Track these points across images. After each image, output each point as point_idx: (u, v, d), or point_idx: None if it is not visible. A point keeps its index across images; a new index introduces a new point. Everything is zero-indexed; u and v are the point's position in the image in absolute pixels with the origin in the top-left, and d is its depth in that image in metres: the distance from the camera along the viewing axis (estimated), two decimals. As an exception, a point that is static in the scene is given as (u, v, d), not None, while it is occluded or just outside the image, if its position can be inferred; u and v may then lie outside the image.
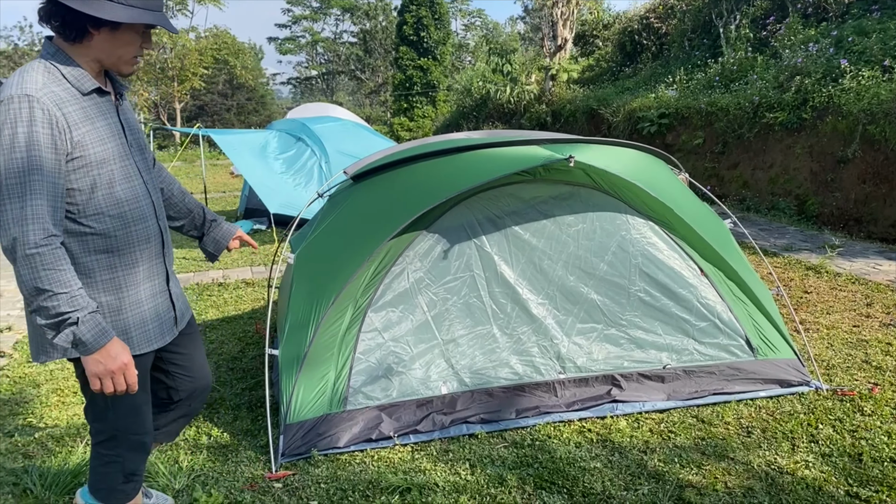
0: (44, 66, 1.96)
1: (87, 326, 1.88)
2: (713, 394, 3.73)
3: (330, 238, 3.69)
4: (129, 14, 1.95)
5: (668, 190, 3.80)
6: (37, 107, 1.86)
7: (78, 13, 1.91)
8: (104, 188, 2.02)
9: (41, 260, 1.83)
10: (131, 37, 2.03)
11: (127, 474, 2.29)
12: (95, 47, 2.00)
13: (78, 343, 1.89)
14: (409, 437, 3.36)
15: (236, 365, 4.43)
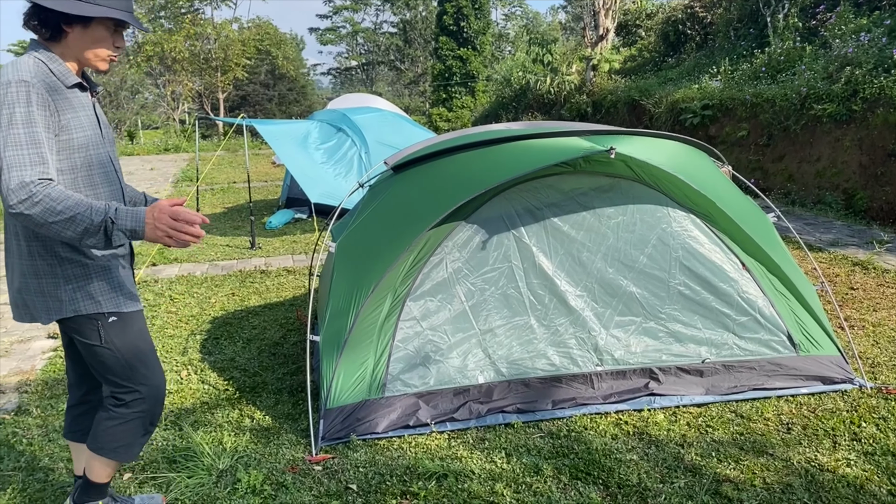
0: (34, 60, 2.13)
1: (122, 217, 2.03)
2: (753, 389, 3.69)
3: (370, 228, 3.75)
4: (98, 10, 2.12)
5: (711, 183, 3.76)
6: (32, 91, 2.04)
7: (51, 11, 2.10)
8: (84, 170, 2.22)
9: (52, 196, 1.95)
10: (102, 33, 2.19)
11: (147, 425, 2.47)
12: (71, 45, 2.18)
13: (130, 233, 2.03)
14: (446, 425, 3.41)
15: (278, 350, 4.53)
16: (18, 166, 1.95)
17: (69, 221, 1.96)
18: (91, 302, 2.26)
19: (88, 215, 1.98)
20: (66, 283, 2.23)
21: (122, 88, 36.13)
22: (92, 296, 2.26)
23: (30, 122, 2.01)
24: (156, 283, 6.31)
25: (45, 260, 2.21)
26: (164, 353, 4.55)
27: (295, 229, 8.79)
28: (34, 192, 1.94)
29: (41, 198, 1.94)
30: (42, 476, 3.08)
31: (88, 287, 2.26)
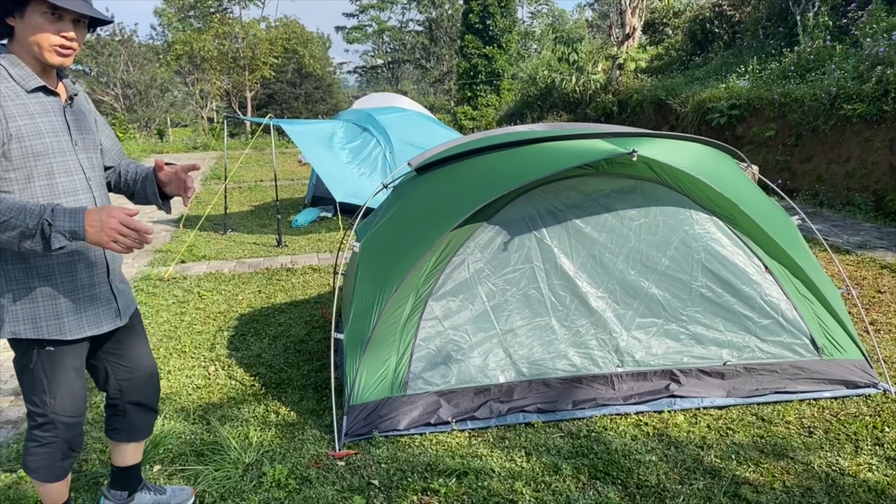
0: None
1: (60, 218, 1.96)
2: (775, 392, 3.68)
3: (393, 228, 3.80)
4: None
5: (734, 185, 3.76)
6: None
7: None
8: (42, 179, 2.12)
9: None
10: (37, 20, 2.05)
11: (65, 451, 2.39)
12: (20, 39, 2.09)
13: (69, 234, 1.97)
14: (467, 423, 3.46)
15: (303, 347, 4.61)
16: None
17: (2, 226, 1.91)
18: (31, 327, 2.19)
19: (22, 218, 1.92)
20: (15, 300, 2.17)
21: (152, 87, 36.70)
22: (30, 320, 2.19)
23: None
24: (185, 279, 6.45)
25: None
26: (192, 348, 4.66)
27: (320, 228, 8.90)
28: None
29: None
30: (76, 467, 3.18)
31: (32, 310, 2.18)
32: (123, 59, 38.72)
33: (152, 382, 2.62)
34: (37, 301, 2.18)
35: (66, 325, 2.23)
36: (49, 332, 2.21)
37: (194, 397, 3.90)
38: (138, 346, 2.56)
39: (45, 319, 2.20)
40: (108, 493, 2.77)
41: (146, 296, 5.92)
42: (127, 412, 2.59)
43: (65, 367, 2.28)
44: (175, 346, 4.69)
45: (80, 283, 2.26)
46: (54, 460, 2.38)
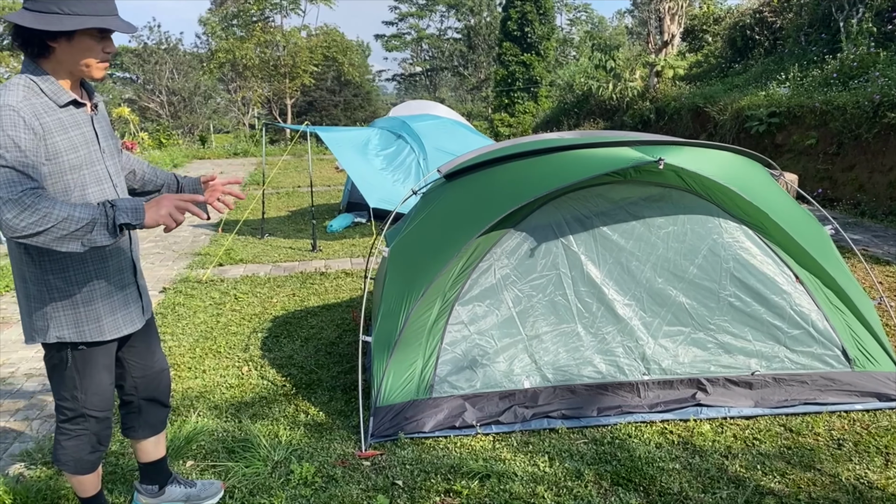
0: (24, 82, 2.14)
1: (121, 208, 2.09)
2: (804, 403, 3.64)
3: (422, 233, 3.87)
4: (78, 21, 2.08)
5: (764, 193, 3.74)
6: (17, 116, 2.05)
7: (33, 30, 2.08)
8: (77, 191, 2.21)
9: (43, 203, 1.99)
10: (88, 43, 2.15)
11: (94, 445, 2.50)
12: (60, 59, 2.16)
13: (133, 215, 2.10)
14: (491, 428, 3.50)
15: (333, 350, 4.71)
16: (7, 185, 1.97)
17: (67, 221, 2.00)
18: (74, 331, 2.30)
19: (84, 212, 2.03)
20: (56, 309, 2.28)
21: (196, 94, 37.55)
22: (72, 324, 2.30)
23: (10, 147, 2.01)
24: (222, 282, 6.61)
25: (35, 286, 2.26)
26: (227, 349, 4.79)
27: (354, 233, 9.03)
28: (25, 202, 1.96)
29: (28, 207, 1.96)
30: (113, 460, 3.31)
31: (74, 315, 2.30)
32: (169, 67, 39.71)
33: (164, 378, 2.73)
34: (77, 307, 2.30)
35: (105, 326, 2.36)
36: (91, 334, 2.33)
37: (227, 396, 4.01)
38: (153, 343, 2.67)
39: (86, 323, 2.32)
40: (140, 488, 2.88)
41: (184, 297, 6.09)
42: (142, 409, 2.68)
43: (97, 364, 2.40)
44: (210, 347, 4.82)
45: (114, 287, 2.38)
46: (83, 453, 2.48)
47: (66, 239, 2.03)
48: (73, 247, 2.06)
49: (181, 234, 9.38)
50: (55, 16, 2.06)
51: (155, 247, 8.55)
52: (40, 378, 4.40)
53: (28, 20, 2.06)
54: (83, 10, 2.09)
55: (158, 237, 9.13)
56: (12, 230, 1.98)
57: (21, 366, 4.63)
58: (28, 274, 2.26)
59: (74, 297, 2.29)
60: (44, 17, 2.06)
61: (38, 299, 2.27)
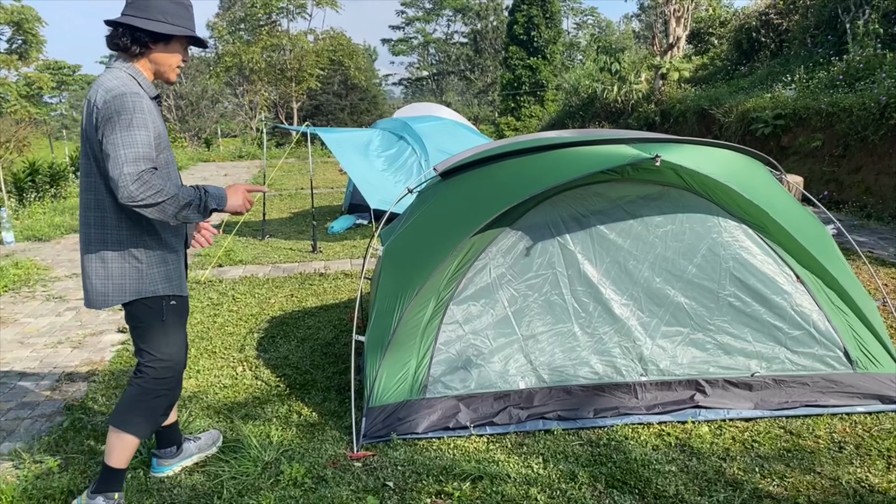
0: (126, 75, 2.56)
1: (212, 192, 2.54)
2: (805, 406, 3.57)
3: (416, 232, 3.83)
4: (179, 30, 2.59)
5: (764, 192, 3.68)
6: (140, 101, 2.46)
7: (141, 31, 2.53)
8: (164, 168, 2.61)
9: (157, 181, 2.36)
10: (178, 49, 2.65)
11: (168, 405, 2.85)
12: (153, 59, 2.62)
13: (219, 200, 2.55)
14: (485, 429, 3.44)
15: (329, 350, 4.66)
16: (135, 161, 2.34)
17: (174, 199, 2.39)
18: (164, 286, 2.69)
19: (187, 192, 2.45)
20: (149, 268, 2.65)
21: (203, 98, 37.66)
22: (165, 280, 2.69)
23: (142, 126, 2.42)
24: (220, 282, 6.59)
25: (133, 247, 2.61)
26: (222, 349, 4.75)
27: (355, 234, 9.00)
28: (146, 178, 2.34)
29: (152, 182, 2.35)
30: (102, 459, 3.27)
31: (162, 273, 2.68)
32: (176, 72, 39.78)
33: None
34: (167, 264, 2.71)
35: (183, 284, 2.81)
36: (179, 289, 2.76)
37: (220, 396, 3.97)
38: None
39: (174, 279, 2.74)
40: (159, 453, 3.13)
41: (182, 298, 6.06)
42: None
43: (181, 319, 2.83)
44: (206, 347, 4.79)
45: (180, 253, 2.81)
46: (158, 413, 2.81)
47: (168, 213, 2.42)
48: (168, 219, 2.45)
49: (183, 235, 9.36)
50: (160, 23, 2.55)
51: (156, 248, 8.54)
52: (34, 378, 4.37)
53: (139, 22, 2.52)
54: (180, 23, 2.60)
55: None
56: (131, 199, 2.34)
57: (15, 365, 4.61)
58: (126, 236, 2.60)
59: (164, 256, 2.69)
60: (152, 23, 2.53)
61: (135, 259, 2.63)
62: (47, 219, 9.90)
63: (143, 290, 2.65)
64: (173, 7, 2.59)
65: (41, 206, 10.71)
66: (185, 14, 2.64)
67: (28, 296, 6.31)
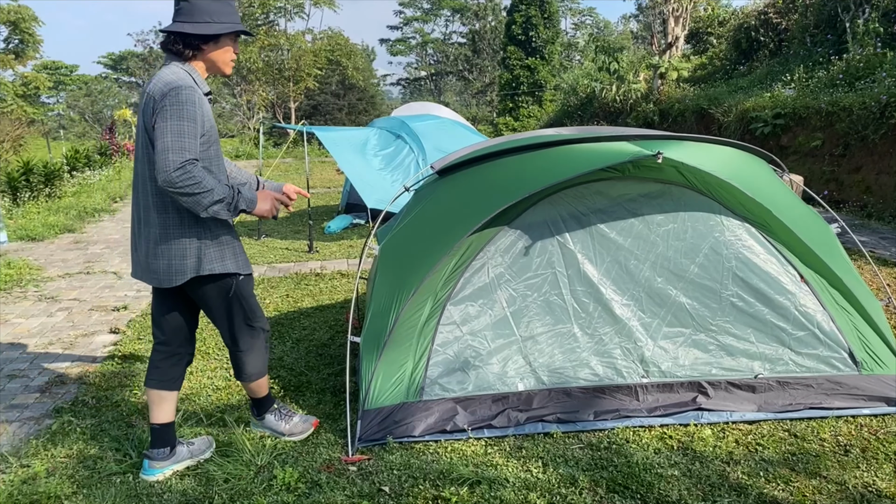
0: (184, 71, 2.75)
1: (244, 194, 2.78)
2: (809, 408, 3.51)
3: (413, 231, 3.75)
4: (226, 27, 2.77)
5: (767, 190, 3.61)
6: (193, 95, 2.65)
7: (191, 35, 2.73)
8: (215, 160, 2.83)
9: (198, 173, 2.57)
10: (228, 44, 2.84)
11: (267, 350, 3.24)
12: (207, 58, 2.82)
13: (249, 202, 2.80)
14: (483, 432, 3.37)
15: (325, 351, 4.59)
16: (179, 150, 2.54)
17: (209, 192, 2.60)
18: (234, 263, 2.92)
19: (222, 190, 2.66)
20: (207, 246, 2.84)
21: (200, 98, 37.46)
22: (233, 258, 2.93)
23: (192, 119, 2.61)
24: (215, 283, 6.49)
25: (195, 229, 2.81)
26: (216, 350, 4.67)
27: (352, 234, 8.92)
28: (188, 168, 2.54)
29: (192, 172, 2.55)
30: (91, 464, 3.20)
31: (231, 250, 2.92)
32: (174, 71, 39.68)
33: None
34: (231, 244, 2.93)
35: (244, 263, 3.00)
36: (242, 267, 2.98)
37: (213, 398, 3.89)
38: None
39: (239, 257, 2.97)
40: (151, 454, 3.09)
41: (176, 298, 5.98)
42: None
43: (251, 291, 3.07)
44: (199, 348, 4.71)
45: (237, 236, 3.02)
46: (264, 359, 3.22)
47: (201, 205, 2.63)
48: (199, 210, 2.65)
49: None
50: (207, 24, 2.73)
51: (151, 248, 8.45)
52: (23, 380, 4.29)
53: (188, 28, 2.72)
54: (225, 19, 2.78)
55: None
56: (170, 184, 2.54)
57: (5, 367, 4.52)
58: (188, 219, 2.79)
59: (223, 238, 2.90)
60: (199, 26, 2.72)
61: (196, 236, 2.81)
62: (41, 218, 9.81)
63: (202, 268, 2.84)
64: (217, 5, 2.77)
65: (35, 206, 10.61)
66: (229, 10, 2.81)
67: (20, 296, 6.22)
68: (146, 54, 40.41)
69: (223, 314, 3.01)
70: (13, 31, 37.80)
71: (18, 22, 37.23)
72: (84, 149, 15.35)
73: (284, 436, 3.39)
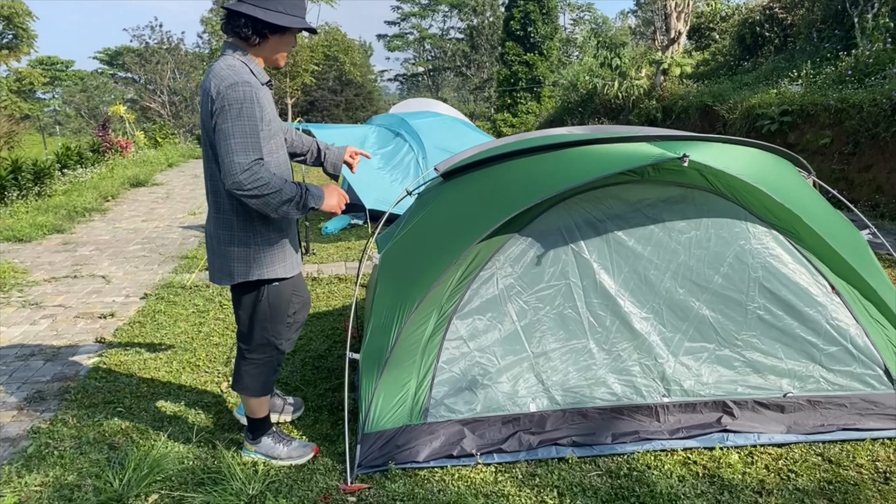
0: (240, 62, 2.64)
1: (312, 191, 2.69)
2: (842, 429, 3.27)
3: (416, 238, 3.50)
4: (293, 21, 2.68)
5: (796, 195, 3.36)
6: (252, 90, 2.57)
7: (264, 22, 2.62)
8: (273, 153, 2.74)
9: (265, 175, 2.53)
10: (291, 39, 2.77)
11: (274, 369, 3.08)
12: (267, 48, 2.72)
13: (317, 199, 2.71)
14: (493, 457, 3.12)
15: (321, 364, 4.33)
16: (244, 151, 2.51)
17: (279, 193, 2.55)
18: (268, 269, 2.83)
19: (290, 189, 2.60)
20: (256, 251, 2.80)
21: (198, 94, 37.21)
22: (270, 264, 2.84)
23: (252, 116, 2.55)
24: (207, 287, 6.24)
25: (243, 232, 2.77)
26: (207, 362, 4.42)
27: (350, 235, 8.66)
28: (255, 170, 2.50)
29: (260, 174, 2.51)
30: (67, 493, 2.94)
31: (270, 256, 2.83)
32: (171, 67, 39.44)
33: (308, 305, 3.29)
34: (274, 247, 2.84)
35: (289, 265, 2.92)
36: (282, 272, 2.88)
37: (202, 417, 3.64)
38: (301, 279, 3.18)
39: (280, 262, 2.87)
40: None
41: (166, 304, 5.72)
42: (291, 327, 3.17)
43: (284, 298, 2.96)
44: (189, 360, 4.45)
45: (290, 234, 2.93)
46: (266, 377, 3.05)
47: (271, 206, 2.59)
48: (269, 212, 2.63)
49: (170, 235, 9.01)
50: (281, 14, 2.63)
51: (141, 249, 8.18)
52: (0, 395, 4.03)
53: (261, 14, 2.60)
54: (297, 13, 2.70)
55: (145, 239, 8.76)
56: (238, 186, 2.51)
57: (-17, 380, 4.26)
58: (237, 222, 2.77)
59: (271, 239, 2.82)
60: (273, 14, 2.61)
61: (244, 243, 2.78)
62: (30, 218, 9.52)
63: (250, 273, 2.81)
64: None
65: (24, 205, 10.30)
66: (301, 4, 2.73)
67: (2, 302, 5.95)
68: (142, 50, 40.03)
69: (247, 314, 2.95)
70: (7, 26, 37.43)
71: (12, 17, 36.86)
72: (76, 146, 15.03)
73: (280, 459, 3.14)
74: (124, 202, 12.07)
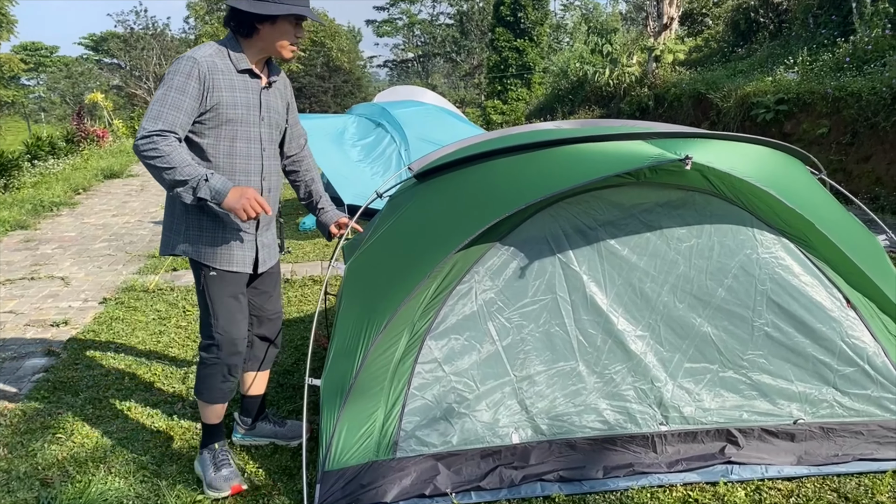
0: (216, 46, 2.65)
1: (215, 180, 2.51)
2: (859, 460, 2.95)
3: (386, 248, 3.14)
4: (282, 8, 2.57)
5: (808, 199, 3.02)
6: (191, 65, 2.52)
7: (245, 13, 2.57)
8: (226, 140, 2.66)
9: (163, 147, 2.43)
10: (286, 28, 2.65)
11: (224, 374, 2.84)
12: (262, 38, 2.65)
13: (214, 192, 2.50)
14: (470, 496, 2.78)
15: (286, 381, 3.97)
16: (154, 118, 2.46)
17: (172, 170, 2.45)
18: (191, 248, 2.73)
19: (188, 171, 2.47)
20: (187, 228, 2.72)
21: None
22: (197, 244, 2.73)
23: (181, 89, 2.49)
24: (171, 290, 5.85)
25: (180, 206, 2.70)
26: (162, 378, 4.05)
27: (330, 231, 8.26)
28: (154, 139, 2.43)
29: (156, 144, 2.43)
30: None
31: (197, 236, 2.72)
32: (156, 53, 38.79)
33: (277, 322, 3.14)
34: (203, 232, 2.72)
35: (220, 257, 2.75)
36: (206, 258, 2.73)
37: (150, 446, 3.27)
38: (273, 292, 3.08)
39: (206, 247, 2.73)
40: (237, 419, 3.23)
41: (125, 310, 5.33)
42: (252, 343, 3.07)
43: (224, 292, 2.78)
44: (143, 375, 4.08)
45: (233, 231, 2.75)
46: (216, 382, 2.85)
47: (165, 181, 2.49)
48: (165, 187, 2.53)
49: (139, 231, 8.60)
50: (265, 3, 2.56)
51: (108, 247, 7.76)
52: (-69, 418, 3.65)
53: (244, 4, 2.56)
54: (287, 1, 2.58)
55: (113, 236, 8.34)
56: (136, 148, 2.46)
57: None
58: None
59: (202, 224, 2.71)
60: (255, 4, 2.56)
61: (178, 218, 2.74)
62: (-7, 213, 9.09)
63: (175, 248, 2.75)
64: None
65: (-11, 199, 9.88)
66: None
67: (-48, 307, 5.55)
68: (127, 35, 39.31)
69: (199, 300, 2.86)
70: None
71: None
72: (48, 136, 14.51)
73: (204, 483, 2.90)
74: (96, 195, 11.61)
